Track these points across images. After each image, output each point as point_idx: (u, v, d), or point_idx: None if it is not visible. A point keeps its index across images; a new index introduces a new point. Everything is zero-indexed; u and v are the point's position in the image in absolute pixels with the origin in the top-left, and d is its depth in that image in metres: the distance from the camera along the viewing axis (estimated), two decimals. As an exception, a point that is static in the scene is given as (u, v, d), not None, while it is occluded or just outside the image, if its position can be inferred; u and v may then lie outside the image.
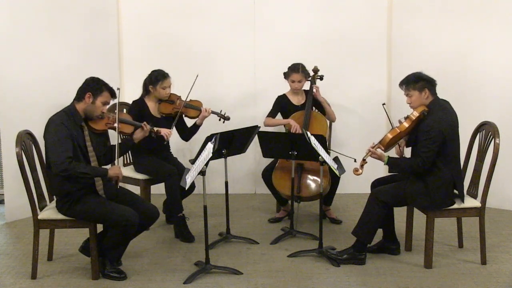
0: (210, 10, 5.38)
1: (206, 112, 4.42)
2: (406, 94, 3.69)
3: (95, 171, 3.45)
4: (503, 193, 4.90)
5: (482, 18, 4.88)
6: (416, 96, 3.63)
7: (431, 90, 3.63)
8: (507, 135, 4.28)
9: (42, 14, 4.79)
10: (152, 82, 4.33)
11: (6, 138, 4.66)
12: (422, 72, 3.69)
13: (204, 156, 3.49)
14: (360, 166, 3.67)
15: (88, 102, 3.49)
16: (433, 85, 3.66)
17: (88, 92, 3.48)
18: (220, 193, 5.06)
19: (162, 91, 4.34)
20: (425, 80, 3.64)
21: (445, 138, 3.52)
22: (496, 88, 4.89)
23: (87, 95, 3.48)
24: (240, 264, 3.78)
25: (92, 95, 3.49)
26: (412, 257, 3.88)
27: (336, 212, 4.76)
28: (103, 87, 3.52)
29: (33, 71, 4.74)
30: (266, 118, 4.64)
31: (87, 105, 3.49)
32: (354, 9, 5.33)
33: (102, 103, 3.53)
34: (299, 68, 4.53)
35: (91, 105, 3.49)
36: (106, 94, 3.53)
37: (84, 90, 3.50)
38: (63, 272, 3.69)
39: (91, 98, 3.48)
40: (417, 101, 3.64)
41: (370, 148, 3.68)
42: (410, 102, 3.68)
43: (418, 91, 3.62)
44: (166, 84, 4.34)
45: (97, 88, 3.50)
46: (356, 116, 5.40)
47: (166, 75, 4.35)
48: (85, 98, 3.48)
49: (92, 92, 3.48)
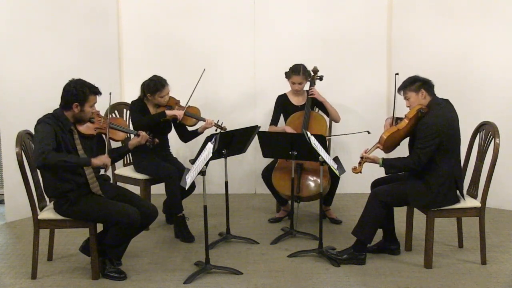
0: (210, 10, 5.37)
1: (210, 124, 4.41)
2: (404, 97, 3.71)
3: (76, 159, 3.37)
4: (503, 193, 4.90)
5: (482, 18, 4.88)
6: (413, 98, 3.65)
7: (428, 90, 3.64)
8: (507, 135, 4.28)
9: (42, 14, 4.79)
10: (150, 91, 4.31)
11: (6, 138, 4.66)
12: (417, 75, 3.70)
13: (204, 156, 3.49)
14: (358, 164, 3.67)
15: (77, 111, 3.43)
16: (430, 85, 3.66)
17: (75, 102, 3.40)
18: (220, 193, 5.06)
19: (160, 100, 4.34)
20: (420, 81, 3.65)
21: (443, 136, 3.53)
22: (496, 88, 4.89)
23: (74, 105, 3.40)
24: (240, 264, 3.78)
25: (79, 104, 3.41)
26: (412, 257, 3.88)
27: (336, 212, 4.76)
28: (87, 93, 3.42)
29: (33, 71, 4.74)
30: (269, 127, 4.65)
31: (76, 113, 3.44)
32: (354, 9, 5.33)
33: (90, 106, 3.47)
34: (300, 70, 4.53)
35: (80, 112, 3.44)
36: (92, 97, 3.45)
37: (70, 100, 3.40)
38: (63, 272, 3.69)
39: (78, 107, 3.42)
40: (415, 102, 3.65)
41: (363, 153, 3.68)
42: (409, 104, 3.69)
43: (414, 92, 3.64)
44: (164, 93, 4.33)
45: (81, 96, 3.40)
46: (356, 116, 5.40)
47: (164, 84, 4.32)
48: (73, 108, 3.42)
49: (78, 102, 3.40)
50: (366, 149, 3.70)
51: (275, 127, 4.66)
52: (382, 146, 3.68)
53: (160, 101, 4.34)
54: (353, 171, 3.67)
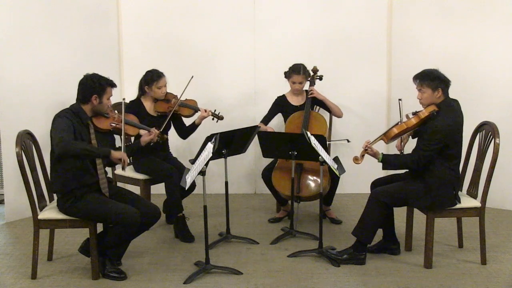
0: (210, 10, 5.37)
1: (206, 112, 4.42)
2: (418, 89, 3.63)
3: (97, 149, 3.46)
4: (503, 193, 4.90)
5: (482, 18, 4.89)
6: (428, 94, 3.59)
7: (444, 90, 3.59)
8: (507, 135, 4.28)
9: (42, 14, 4.78)
10: (147, 82, 4.33)
11: (6, 138, 4.65)
12: (439, 71, 3.63)
13: (204, 156, 3.49)
14: (360, 156, 3.68)
15: (96, 103, 3.53)
16: (447, 85, 3.61)
17: (94, 94, 3.51)
18: (220, 193, 5.06)
19: (157, 91, 4.34)
20: (441, 80, 3.59)
21: (448, 142, 3.52)
22: (496, 88, 4.89)
23: (93, 98, 3.51)
24: (240, 264, 3.78)
25: (98, 96, 3.52)
26: (412, 257, 3.88)
27: (336, 212, 4.76)
28: (105, 85, 3.54)
29: (33, 71, 4.74)
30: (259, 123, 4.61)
31: (95, 105, 3.54)
32: (354, 9, 5.33)
33: (108, 98, 3.58)
34: (300, 69, 4.53)
35: (99, 105, 3.54)
36: (109, 89, 3.58)
37: (88, 92, 3.51)
38: (63, 272, 3.69)
39: (97, 99, 3.53)
40: (429, 99, 3.60)
41: (367, 144, 3.68)
42: (421, 98, 3.62)
43: (431, 89, 3.57)
44: (161, 83, 4.34)
45: (100, 88, 3.52)
46: (356, 116, 5.40)
47: (160, 75, 4.35)
48: (92, 100, 3.52)
49: (97, 94, 3.52)
50: (369, 140, 3.70)
51: (265, 126, 4.61)
52: (387, 140, 3.68)
53: (157, 92, 4.34)
54: (354, 161, 3.67)
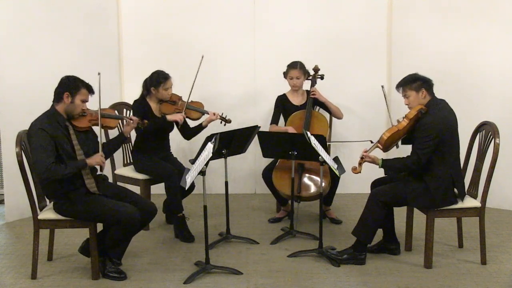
0: (210, 10, 5.38)
1: (214, 116, 4.42)
2: (403, 95, 3.69)
3: (74, 167, 3.39)
4: (503, 193, 4.90)
5: (482, 18, 4.88)
6: (413, 97, 3.64)
7: (428, 90, 3.63)
8: (507, 135, 4.28)
9: (42, 14, 4.79)
10: (154, 84, 4.31)
11: (6, 138, 4.66)
12: (418, 73, 3.69)
13: (204, 156, 3.49)
14: (358, 164, 3.68)
15: (67, 102, 3.44)
16: (430, 85, 3.66)
17: (66, 92, 3.44)
18: (220, 193, 5.06)
19: (164, 92, 4.34)
20: (421, 80, 3.64)
21: (443, 137, 3.53)
22: (496, 88, 4.89)
23: (65, 95, 3.43)
24: (240, 264, 3.78)
25: (70, 94, 3.44)
26: (412, 257, 3.88)
27: (336, 212, 4.76)
28: (79, 85, 3.46)
29: (33, 71, 4.73)
30: (270, 126, 4.66)
31: (67, 105, 3.45)
32: (354, 9, 5.33)
33: (81, 101, 3.48)
34: (297, 64, 4.54)
35: (71, 104, 3.46)
36: (84, 91, 3.48)
37: (61, 91, 3.45)
38: (63, 272, 3.69)
39: (69, 98, 3.44)
40: (415, 101, 3.64)
41: (363, 153, 3.68)
42: (408, 103, 3.68)
43: (415, 91, 3.62)
44: (168, 85, 4.34)
45: (74, 86, 3.45)
46: (356, 116, 5.40)
47: (167, 76, 4.34)
48: (64, 99, 3.44)
49: (69, 92, 3.44)
50: (366, 149, 3.71)
51: (277, 126, 4.66)
52: (382, 146, 3.68)
53: (164, 94, 4.34)
54: (353, 171, 3.67)
